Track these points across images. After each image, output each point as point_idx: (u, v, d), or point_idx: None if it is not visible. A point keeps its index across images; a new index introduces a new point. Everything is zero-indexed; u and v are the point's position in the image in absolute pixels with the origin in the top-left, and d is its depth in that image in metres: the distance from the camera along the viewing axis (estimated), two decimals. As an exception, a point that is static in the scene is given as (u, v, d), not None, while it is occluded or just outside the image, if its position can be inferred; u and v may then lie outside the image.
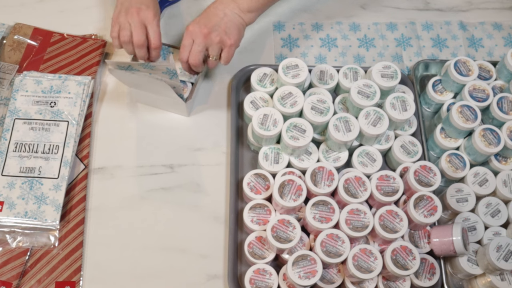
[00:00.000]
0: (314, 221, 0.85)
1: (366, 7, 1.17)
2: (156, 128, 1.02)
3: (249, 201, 0.92)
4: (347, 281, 0.87)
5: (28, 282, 0.88)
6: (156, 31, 0.95)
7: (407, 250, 0.84)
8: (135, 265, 0.91)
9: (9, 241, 0.90)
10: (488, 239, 0.91)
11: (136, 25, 0.94)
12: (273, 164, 0.93)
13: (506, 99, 0.97)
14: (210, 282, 0.90)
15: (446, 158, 0.96)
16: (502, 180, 0.94)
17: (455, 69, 1.00)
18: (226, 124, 1.03)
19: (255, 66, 1.04)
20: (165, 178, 0.97)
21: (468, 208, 0.92)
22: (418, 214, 0.86)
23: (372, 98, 0.94)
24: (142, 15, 0.94)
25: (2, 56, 1.05)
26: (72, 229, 0.92)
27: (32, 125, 0.97)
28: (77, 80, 1.01)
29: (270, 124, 0.92)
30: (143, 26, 0.94)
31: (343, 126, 0.92)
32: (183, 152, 1.00)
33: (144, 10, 0.94)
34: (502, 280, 0.87)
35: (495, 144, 0.93)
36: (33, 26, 1.08)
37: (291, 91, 0.95)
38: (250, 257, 0.87)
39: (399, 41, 1.14)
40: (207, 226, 0.94)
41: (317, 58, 1.11)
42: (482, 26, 1.17)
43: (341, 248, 0.84)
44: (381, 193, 0.88)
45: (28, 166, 0.94)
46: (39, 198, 0.91)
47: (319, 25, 1.15)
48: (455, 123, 0.94)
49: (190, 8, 1.15)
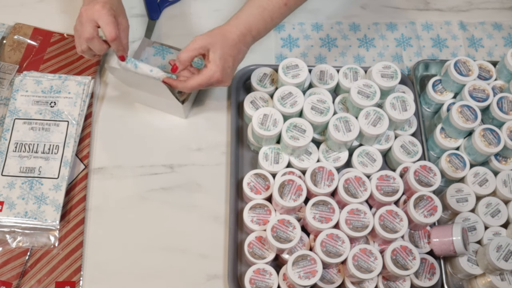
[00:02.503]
0: (314, 221, 0.85)
1: (366, 7, 1.17)
2: (156, 128, 1.02)
3: (249, 201, 0.92)
4: (347, 281, 0.87)
5: (28, 282, 0.88)
6: (107, 21, 0.85)
7: (407, 250, 0.84)
8: (135, 265, 0.91)
9: (9, 241, 0.90)
10: (488, 239, 0.91)
11: (83, 23, 0.86)
12: (273, 164, 0.93)
13: (506, 99, 0.97)
14: (210, 282, 0.90)
15: (446, 158, 0.96)
16: (502, 180, 0.94)
17: (455, 69, 1.00)
18: (226, 124, 1.03)
19: (255, 66, 1.04)
20: (165, 178, 0.97)
21: (468, 208, 0.92)
22: (418, 214, 0.86)
23: (372, 98, 0.94)
24: (88, 12, 0.85)
25: (2, 56, 1.05)
26: (72, 229, 0.92)
27: (32, 125, 0.97)
28: (77, 80, 1.01)
29: (270, 124, 0.92)
30: (91, 21, 0.85)
31: (343, 126, 0.92)
32: (183, 152, 1.00)
33: (90, 6, 0.85)
34: (502, 280, 0.87)
35: (495, 144, 0.93)
36: (33, 26, 1.08)
37: (291, 91, 0.95)
38: (250, 257, 0.87)
39: (399, 41, 1.14)
40: (207, 226, 0.94)
41: (317, 58, 1.11)
42: (482, 26, 1.17)
43: (341, 248, 0.84)
44: (381, 193, 0.88)
45: (28, 166, 0.94)
46: (39, 198, 0.91)
47: (319, 25, 1.15)
48: (455, 123, 0.94)
49: (190, 8, 1.15)
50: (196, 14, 1.14)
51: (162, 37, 1.09)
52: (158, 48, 1.05)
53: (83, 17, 0.86)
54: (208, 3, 1.15)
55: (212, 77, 0.88)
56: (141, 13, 1.13)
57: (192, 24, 1.12)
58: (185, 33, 1.11)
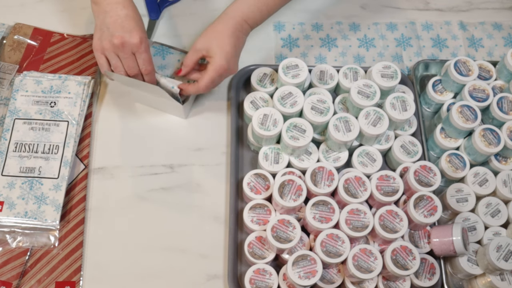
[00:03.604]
0: (314, 221, 0.85)
1: (366, 7, 1.17)
2: (156, 128, 1.02)
3: (249, 201, 0.92)
4: (347, 281, 0.87)
5: (28, 282, 0.88)
6: (145, 58, 0.90)
7: (407, 250, 0.84)
8: (135, 265, 0.91)
9: (9, 241, 0.90)
10: (488, 239, 0.91)
11: (124, 57, 0.89)
12: (273, 164, 0.93)
13: (506, 99, 0.97)
14: (210, 282, 0.90)
15: (446, 158, 0.96)
16: (502, 180, 0.94)
17: (455, 69, 1.00)
18: (226, 124, 1.03)
19: (255, 66, 1.04)
20: (165, 178, 0.97)
21: (468, 208, 0.92)
22: (418, 214, 0.86)
23: (372, 98, 0.94)
24: (127, 46, 0.88)
25: (2, 56, 1.05)
26: (72, 229, 0.92)
27: (32, 125, 0.97)
28: (77, 80, 1.01)
29: (270, 124, 0.92)
30: (132, 55, 0.89)
31: (343, 126, 0.92)
32: (183, 152, 1.00)
33: (127, 38, 0.87)
34: (502, 280, 0.87)
35: (495, 144, 0.93)
36: (33, 26, 1.08)
37: (291, 91, 0.95)
38: (250, 257, 0.87)
39: (399, 41, 1.14)
40: (207, 226, 0.94)
41: (317, 58, 1.11)
42: (482, 26, 1.17)
43: (341, 248, 0.84)
44: (381, 193, 0.88)
45: (28, 166, 0.94)
46: (39, 198, 0.91)
47: (319, 25, 1.15)
48: (455, 123, 0.94)
49: (190, 8, 1.15)
50: (196, 14, 1.14)
51: (162, 37, 1.09)
52: (158, 48, 1.05)
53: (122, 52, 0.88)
54: (208, 3, 1.15)
55: (218, 68, 0.90)
56: (141, 13, 1.12)
57: (192, 24, 1.12)
58: (185, 33, 1.11)
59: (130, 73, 0.91)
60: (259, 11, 0.93)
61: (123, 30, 0.87)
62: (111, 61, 0.90)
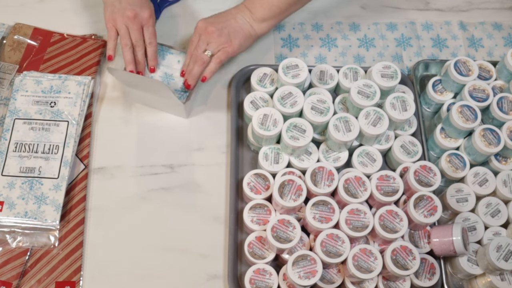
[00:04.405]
0: (314, 221, 0.85)
1: (366, 7, 1.17)
2: (156, 128, 1.02)
3: (249, 201, 0.92)
4: (347, 281, 0.87)
5: (28, 282, 0.88)
6: (152, 32, 0.99)
7: (407, 250, 0.84)
8: (135, 265, 0.91)
9: (9, 241, 0.90)
10: (488, 239, 0.91)
11: (133, 29, 0.96)
12: (273, 164, 0.93)
13: (506, 99, 0.97)
14: (210, 282, 0.90)
15: (446, 158, 0.96)
16: (502, 180, 0.94)
17: (455, 69, 1.00)
18: (226, 124, 1.03)
19: (255, 66, 1.04)
20: (165, 178, 0.97)
21: (468, 208, 0.92)
22: (418, 214, 0.86)
23: (372, 98, 0.94)
24: (138, 18, 0.96)
25: (2, 56, 1.05)
26: (72, 229, 0.92)
27: (32, 125, 0.97)
28: (77, 80, 1.01)
29: (270, 124, 0.92)
30: (140, 28, 0.98)
31: (343, 126, 0.92)
32: (183, 152, 1.00)
33: (139, 12, 0.96)
34: (502, 280, 0.87)
35: (495, 144, 0.93)
36: (33, 26, 1.08)
37: (291, 91, 0.95)
38: (250, 257, 0.87)
39: (399, 41, 1.14)
40: (207, 226, 0.94)
41: (317, 58, 1.11)
42: (482, 26, 1.17)
43: (341, 248, 0.84)
44: (381, 193, 0.88)
45: (28, 166, 0.94)
46: (39, 198, 0.91)
47: (319, 25, 1.15)
48: (455, 123, 0.94)
49: (190, 8, 1.15)
50: (196, 14, 1.14)
51: (162, 37, 1.09)
52: (158, 48, 1.05)
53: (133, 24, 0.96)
54: (208, 3, 1.15)
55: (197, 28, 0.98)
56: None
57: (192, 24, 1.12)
58: (185, 33, 1.11)
59: (135, 45, 0.97)
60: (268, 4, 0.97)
61: (135, 5, 0.96)
62: (120, 31, 0.96)
